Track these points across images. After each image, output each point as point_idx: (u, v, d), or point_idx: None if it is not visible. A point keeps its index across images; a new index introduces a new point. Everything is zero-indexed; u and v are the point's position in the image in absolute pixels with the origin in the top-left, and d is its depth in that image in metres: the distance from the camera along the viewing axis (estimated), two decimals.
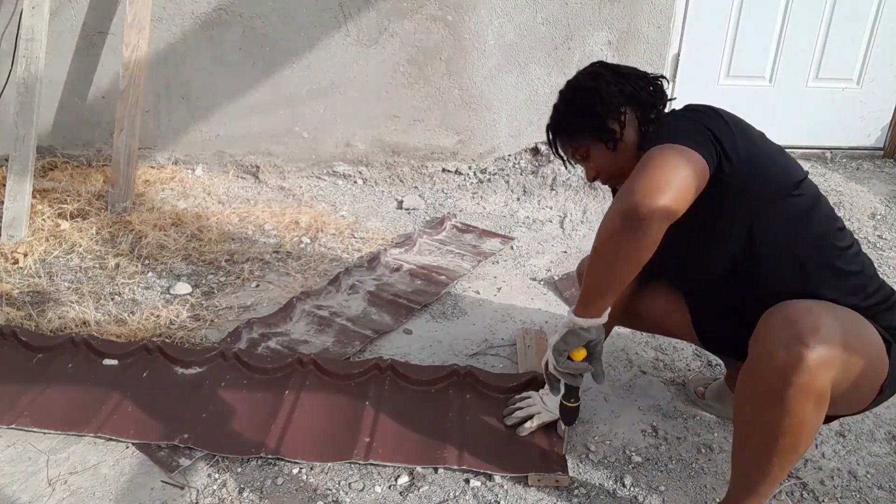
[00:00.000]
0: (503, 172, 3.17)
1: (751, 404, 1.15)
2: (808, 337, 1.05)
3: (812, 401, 1.07)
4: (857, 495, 1.43)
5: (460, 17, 2.93)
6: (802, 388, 1.05)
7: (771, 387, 1.08)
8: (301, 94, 3.08)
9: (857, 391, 1.15)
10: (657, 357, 1.91)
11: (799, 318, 1.09)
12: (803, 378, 1.04)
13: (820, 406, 1.08)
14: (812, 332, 1.05)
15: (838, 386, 1.09)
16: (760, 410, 1.12)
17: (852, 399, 1.18)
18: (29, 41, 2.57)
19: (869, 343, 1.14)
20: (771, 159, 1.26)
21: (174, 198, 2.90)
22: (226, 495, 1.39)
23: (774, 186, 1.24)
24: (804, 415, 1.08)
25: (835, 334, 1.06)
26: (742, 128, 1.27)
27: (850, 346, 1.09)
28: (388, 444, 1.51)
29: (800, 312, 1.10)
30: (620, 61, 2.97)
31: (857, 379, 1.12)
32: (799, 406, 1.07)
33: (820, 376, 1.05)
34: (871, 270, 1.28)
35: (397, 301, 2.17)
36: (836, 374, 1.07)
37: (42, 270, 2.28)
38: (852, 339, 1.10)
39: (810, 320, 1.07)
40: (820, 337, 1.05)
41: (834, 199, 2.96)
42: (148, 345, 1.79)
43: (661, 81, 1.41)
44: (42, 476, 1.42)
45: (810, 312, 1.10)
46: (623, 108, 1.35)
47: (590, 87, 1.38)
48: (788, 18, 3.12)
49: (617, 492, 1.42)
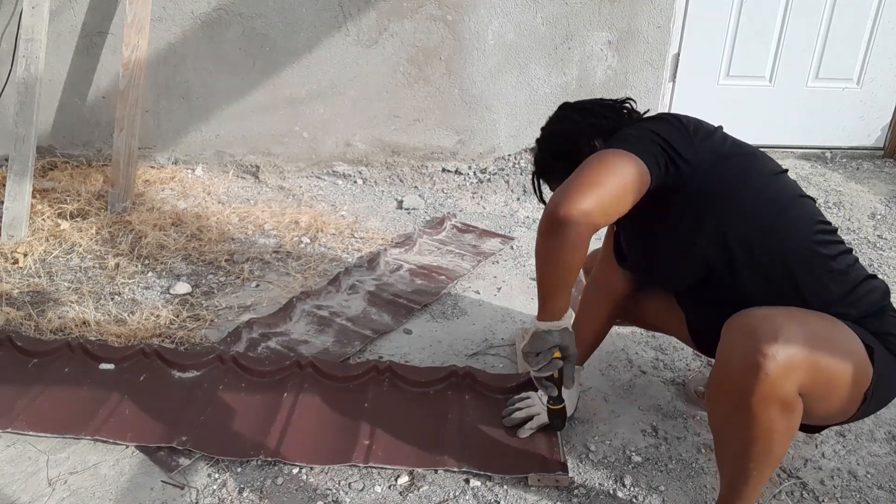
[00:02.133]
0: (503, 172, 3.17)
1: (719, 413, 1.15)
2: (765, 345, 1.02)
3: (776, 408, 1.05)
4: (857, 495, 1.43)
5: (460, 17, 2.93)
6: (764, 396, 1.03)
7: (734, 396, 1.07)
8: (301, 94, 3.08)
9: (836, 398, 1.12)
10: (657, 357, 1.91)
11: (757, 325, 1.06)
12: (763, 387, 1.02)
13: (787, 411, 1.06)
14: (770, 339, 1.03)
15: (811, 393, 1.07)
16: (729, 419, 1.12)
17: (833, 406, 1.14)
18: (29, 41, 2.57)
19: (845, 349, 1.11)
20: (736, 160, 1.26)
21: (174, 198, 2.90)
22: (226, 495, 1.39)
23: (739, 187, 1.23)
24: (770, 422, 1.06)
25: (796, 340, 1.04)
26: (703, 131, 1.27)
27: (819, 352, 1.06)
28: (388, 446, 1.51)
29: (758, 319, 1.07)
30: (620, 61, 3.01)
31: (833, 385, 1.09)
32: (763, 413, 1.05)
33: (782, 384, 1.03)
34: (859, 272, 1.24)
35: (397, 301, 2.17)
36: (803, 381, 1.04)
37: (42, 270, 2.28)
38: (821, 345, 1.07)
39: (768, 327, 1.04)
40: (779, 344, 1.02)
41: (834, 198, 2.96)
42: (145, 349, 1.79)
43: (627, 104, 1.44)
44: (42, 476, 1.42)
45: (769, 319, 1.07)
46: (592, 141, 1.39)
47: (557, 131, 1.45)
48: (788, 18, 3.12)
49: (617, 492, 1.42)
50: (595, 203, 1.14)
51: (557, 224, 1.15)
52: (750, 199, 1.23)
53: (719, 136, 1.30)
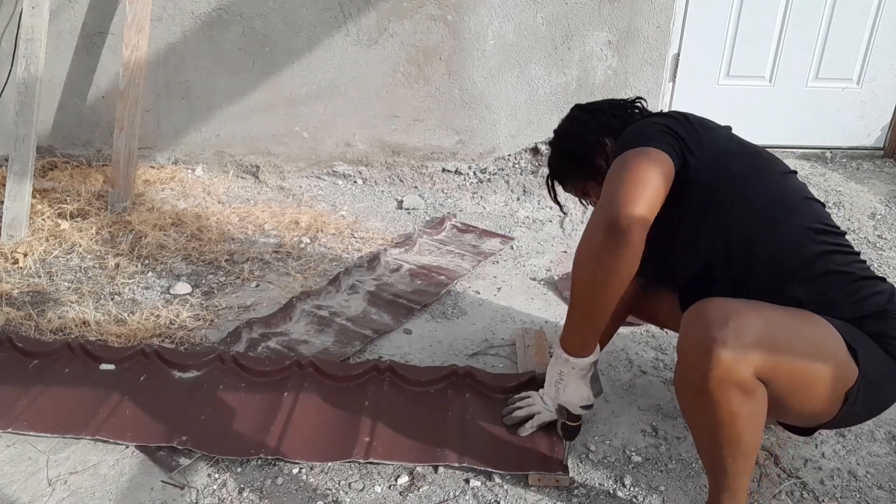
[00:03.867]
0: (503, 172, 3.17)
1: (684, 402, 1.16)
2: (715, 330, 1.04)
3: (734, 391, 1.06)
4: (857, 495, 1.43)
5: (460, 17, 2.93)
6: (719, 380, 1.04)
7: (693, 383, 1.08)
8: (301, 94, 3.08)
9: (810, 395, 1.12)
10: (657, 357, 1.91)
11: (709, 312, 1.08)
12: (718, 371, 1.04)
13: (746, 395, 1.06)
14: (720, 325, 1.04)
15: (778, 384, 1.08)
16: (693, 408, 1.13)
17: (810, 404, 1.14)
18: (29, 41, 2.57)
19: (815, 343, 1.11)
20: (743, 158, 1.26)
21: (174, 198, 2.90)
22: (226, 495, 1.39)
23: (746, 184, 1.23)
24: (730, 405, 1.07)
25: (748, 326, 1.05)
26: (708, 128, 1.28)
27: (779, 340, 1.07)
28: (388, 443, 1.51)
29: (711, 307, 1.09)
30: (620, 61, 3.01)
31: (802, 379, 1.10)
32: (722, 397, 1.06)
33: (734, 367, 1.04)
34: (864, 274, 1.23)
35: (397, 301, 2.17)
36: (760, 366, 1.05)
37: (42, 270, 2.28)
38: (782, 334, 1.08)
39: (721, 314, 1.06)
40: (729, 330, 1.04)
41: (834, 198, 2.96)
42: (145, 349, 1.79)
43: (639, 104, 1.46)
44: (42, 476, 1.42)
45: (722, 306, 1.08)
46: (602, 140, 1.40)
47: (568, 131, 1.47)
48: (788, 18, 3.12)
49: (617, 492, 1.42)
50: (647, 206, 1.13)
51: (622, 231, 1.10)
52: (756, 198, 1.23)
53: (726, 134, 1.30)
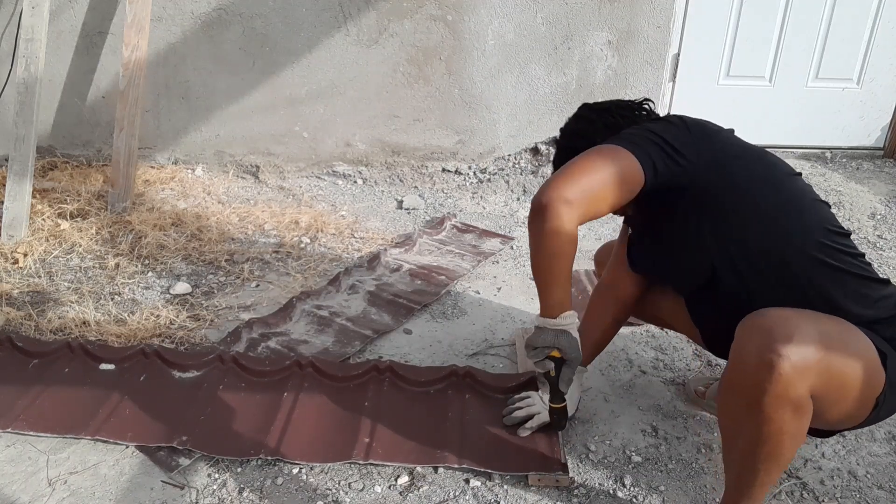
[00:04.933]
0: (503, 172, 3.17)
1: (730, 413, 1.14)
2: (780, 345, 1.02)
3: (788, 409, 1.04)
4: (857, 495, 1.43)
5: (460, 17, 2.93)
6: (777, 396, 1.03)
7: (747, 396, 1.07)
8: (301, 94, 3.08)
9: (847, 402, 1.12)
10: (657, 357, 1.91)
11: (773, 325, 1.06)
12: (777, 387, 1.02)
13: (798, 414, 1.06)
14: (785, 339, 1.02)
15: (823, 396, 1.07)
16: (739, 419, 1.11)
17: (844, 411, 1.14)
18: (29, 41, 2.57)
19: (857, 353, 1.10)
20: (746, 162, 1.26)
21: (174, 198, 2.90)
22: (226, 495, 1.39)
23: (749, 188, 1.23)
24: (782, 423, 1.06)
25: (811, 342, 1.03)
26: (708, 133, 1.27)
27: (832, 355, 1.06)
28: (388, 444, 1.51)
29: (773, 320, 1.07)
30: (620, 61, 3.02)
31: (844, 389, 1.09)
32: (775, 414, 1.05)
33: (795, 385, 1.02)
34: (872, 278, 1.23)
35: (397, 301, 2.17)
36: (816, 383, 1.04)
37: (42, 270, 2.28)
38: (834, 349, 1.07)
39: (784, 328, 1.05)
40: (793, 345, 1.02)
41: (834, 199, 2.96)
42: (145, 349, 1.79)
43: (646, 105, 1.45)
44: (42, 476, 1.42)
45: (785, 320, 1.07)
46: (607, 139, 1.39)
47: (573, 130, 1.47)
48: (788, 18, 3.12)
49: (617, 492, 1.42)
50: (578, 191, 1.16)
51: (540, 209, 1.17)
52: (764, 202, 1.23)
53: (728, 137, 1.30)
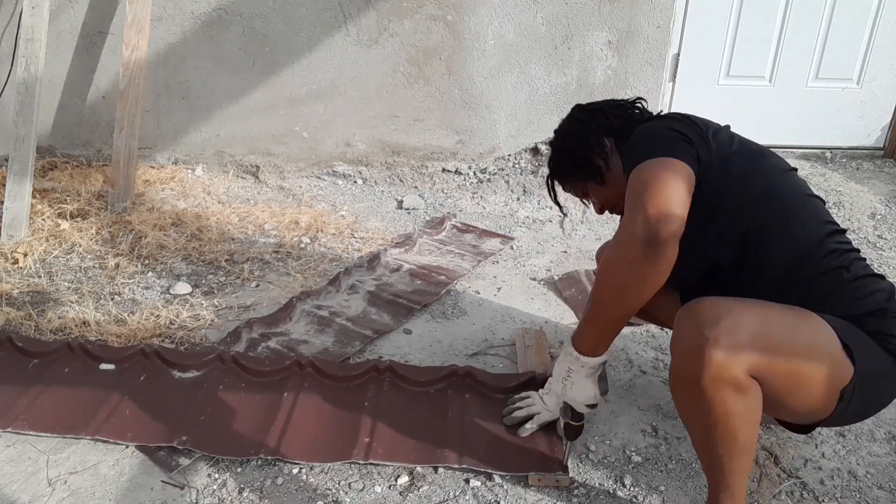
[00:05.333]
0: (503, 172, 3.17)
1: (679, 402, 1.16)
2: (707, 329, 1.04)
3: (728, 390, 1.05)
4: (857, 495, 1.43)
5: (460, 17, 2.93)
6: (712, 379, 1.05)
7: (686, 382, 1.09)
8: (301, 94, 3.08)
9: (806, 392, 1.12)
10: (657, 357, 1.91)
11: (701, 311, 1.08)
12: (710, 370, 1.04)
13: (740, 394, 1.06)
14: (711, 323, 1.04)
15: (772, 381, 1.08)
16: (688, 407, 1.14)
17: (806, 402, 1.14)
18: (29, 41, 2.57)
19: (810, 341, 1.11)
20: (744, 158, 1.27)
21: (174, 198, 2.90)
22: (226, 495, 1.39)
23: (748, 184, 1.24)
24: (724, 404, 1.07)
25: (740, 325, 1.05)
26: (712, 130, 1.29)
27: (772, 338, 1.07)
28: (388, 444, 1.51)
29: (703, 306, 1.09)
30: (620, 61, 3.02)
31: (798, 377, 1.10)
32: (716, 396, 1.06)
33: (727, 366, 1.04)
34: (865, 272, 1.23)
35: (397, 301, 2.17)
36: (755, 365, 1.05)
37: (42, 270, 2.28)
38: (775, 333, 1.08)
39: (712, 313, 1.07)
40: (720, 328, 1.04)
41: (834, 198, 2.96)
42: (145, 349, 1.79)
43: (639, 104, 1.46)
44: (42, 476, 1.42)
45: (714, 306, 1.09)
46: (602, 140, 1.41)
47: (567, 132, 1.48)
48: (788, 18, 3.12)
49: (617, 492, 1.42)
50: (681, 220, 1.14)
51: (661, 245, 1.11)
52: (760, 197, 1.24)
53: (726, 134, 1.31)
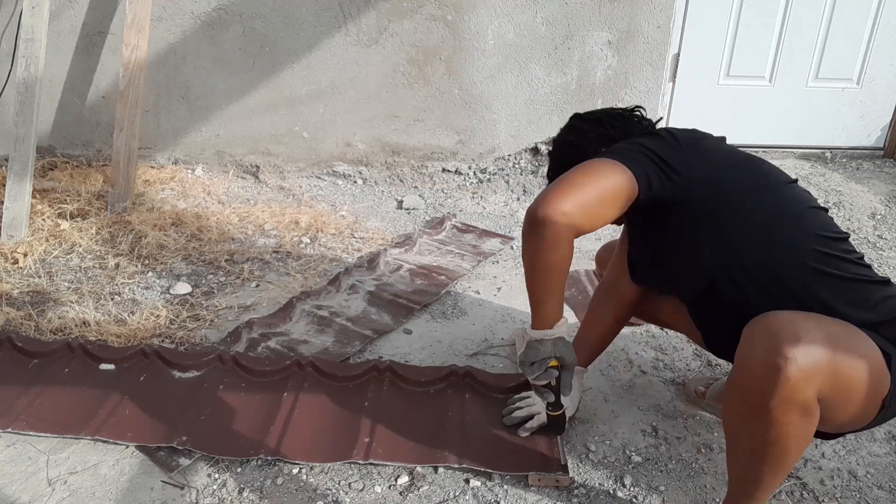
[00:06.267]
0: (503, 172, 3.17)
1: (736, 416, 1.14)
2: (787, 348, 1.01)
3: (795, 412, 1.04)
4: (857, 495, 1.43)
5: (460, 17, 2.93)
6: (783, 399, 1.03)
7: (753, 399, 1.06)
8: (301, 94, 3.08)
9: (854, 405, 1.11)
10: (657, 357, 1.91)
11: (779, 328, 1.05)
12: (784, 391, 1.02)
13: (806, 416, 1.05)
14: (791, 342, 1.02)
15: (830, 399, 1.06)
16: (746, 422, 1.11)
17: (851, 413, 1.13)
18: (29, 41, 2.57)
19: (863, 355, 1.10)
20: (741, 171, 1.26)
21: (174, 198, 2.90)
22: (226, 495, 1.39)
23: (744, 198, 1.23)
24: (789, 426, 1.06)
25: (817, 345, 1.03)
26: (699, 144, 1.28)
27: (838, 357, 1.05)
28: (388, 444, 1.51)
29: (780, 322, 1.06)
30: (620, 61, 3.02)
31: (851, 392, 1.08)
32: (783, 417, 1.04)
33: (802, 388, 1.02)
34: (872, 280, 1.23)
35: (397, 301, 2.17)
36: (823, 386, 1.03)
37: (42, 270, 2.28)
38: (841, 351, 1.06)
39: (790, 330, 1.04)
40: (800, 348, 1.01)
41: (834, 198, 2.96)
42: (145, 349, 1.79)
43: (637, 113, 1.46)
44: (42, 476, 1.42)
45: (791, 322, 1.06)
46: (600, 150, 1.40)
47: (565, 142, 1.48)
48: (788, 18, 3.12)
49: (617, 492, 1.42)
50: (574, 204, 1.16)
51: (536, 224, 1.17)
52: (758, 211, 1.23)
53: (722, 147, 1.30)
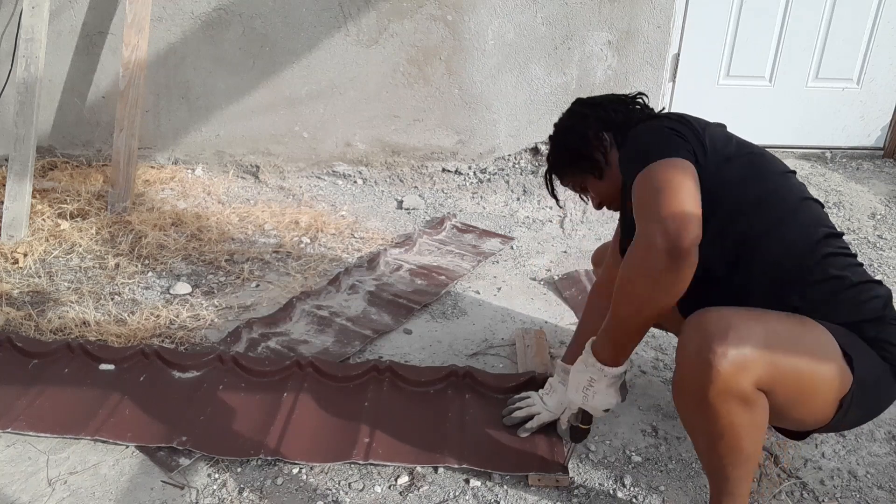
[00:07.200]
0: (503, 172, 3.17)
1: (686, 413, 1.15)
2: (715, 342, 1.03)
3: (734, 403, 1.05)
4: (857, 495, 1.43)
5: (460, 17, 2.93)
6: (719, 392, 1.04)
7: (694, 395, 1.08)
8: (301, 94, 3.08)
9: (809, 401, 1.12)
10: (657, 357, 1.91)
11: (709, 323, 1.07)
12: (717, 384, 1.03)
13: (747, 406, 1.06)
14: (720, 336, 1.04)
15: (778, 393, 1.07)
16: (692, 416, 1.13)
17: (808, 411, 1.14)
18: (29, 41, 2.57)
19: (813, 351, 1.10)
20: (742, 160, 1.26)
21: (174, 198, 2.90)
22: (226, 495, 1.39)
23: (745, 187, 1.23)
24: (731, 416, 1.07)
25: (748, 338, 1.04)
26: (709, 131, 1.28)
27: (778, 351, 1.06)
28: (388, 444, 1.51)
29: (711, 318, 1.08)
30: (620, 61, 3.02)
31: (802, 387, 1.09)
32: (722, 409, 1.06)
33: (735, 380, 1.03)
34: (862, 278, 1.22)
35: (397, 301, 2.17)
36: (761, 377, 1.04)
37: (42, 270, 2.28)
38: (781, 344, 1.07)
39: (721, 325, 1.05)
40: (729, 341, 1.03)
41: (834, 198, 2.96)
42: (145, 349, 1.79)
43: (640, 99, 1.45)
44: (42, 476, 1.42)
45: (722, 317, 1.07)
46: (601, 134, 1.40)
47: (567, 126, 1.47)
48: (788, 18, 3.12)
49: (617, 492, 1.42)
50: (699, 223, 1.10)
51: (684, 253, 1.07)
52: (755, 200, 1.23)
53: (723, 134, 1.30)
